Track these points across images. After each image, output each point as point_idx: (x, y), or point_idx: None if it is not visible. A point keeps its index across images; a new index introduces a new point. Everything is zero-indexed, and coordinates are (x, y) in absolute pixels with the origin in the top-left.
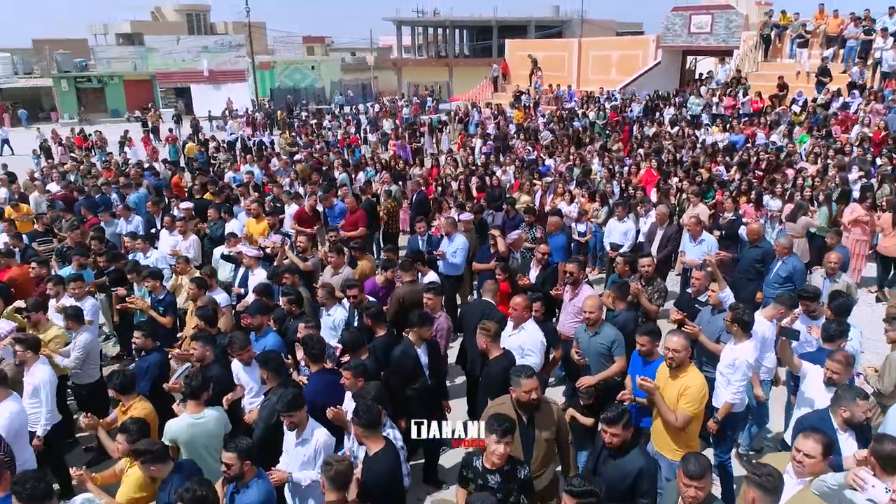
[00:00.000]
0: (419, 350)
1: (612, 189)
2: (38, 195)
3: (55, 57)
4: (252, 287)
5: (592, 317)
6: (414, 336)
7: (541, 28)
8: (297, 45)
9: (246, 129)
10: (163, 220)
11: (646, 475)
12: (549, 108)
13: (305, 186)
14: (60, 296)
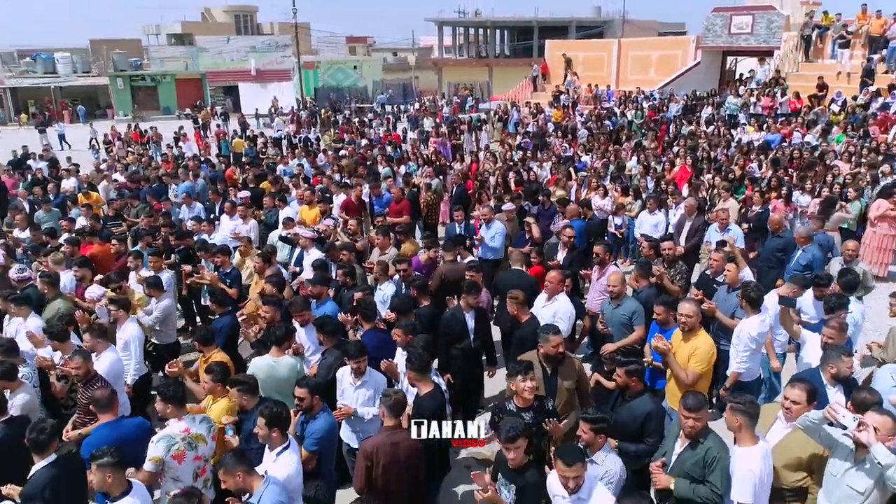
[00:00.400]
0: (467, 315)
1: (645, 184)
2: (106, 184)
3: (112, 57)
4: (307, 265)
5: (615, 290)
6: (464, 302)
7: (582, 28)
8: (341, 45)
9: (291, 127)
10: (223, 206)
11: (653, 417)
12: (588, 108)
13: (351, 179)
14: (139, 268)
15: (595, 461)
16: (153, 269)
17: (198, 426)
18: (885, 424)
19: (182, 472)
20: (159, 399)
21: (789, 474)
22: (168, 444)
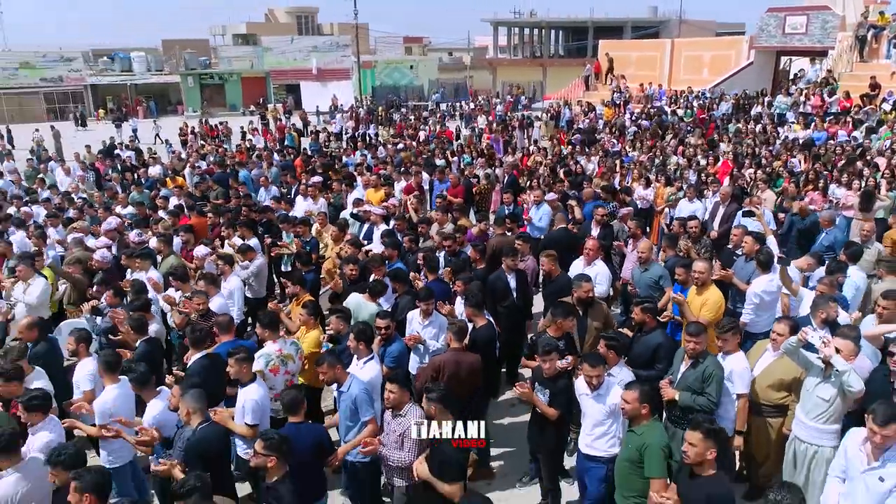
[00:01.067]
0: (509, 276)
1: (687, 176)
2: (190, 170)
3: (183, 56)
4: (375, 239)
5: (644, 256)
6: (505, 264)
7: (637, 29)
8: (398, 45)
9: (350, 123)
10: (297, 189)
11: (663, 347)
12: (638, 107)
13: (411, 168)
14: (231, 237)
15: (612, 374)
16: (243, 238)
17: (288, 348)
18: (847, 346)
19: (276, 382)
20: (259, 325)
21: (773, 393)
22: (266, 360)
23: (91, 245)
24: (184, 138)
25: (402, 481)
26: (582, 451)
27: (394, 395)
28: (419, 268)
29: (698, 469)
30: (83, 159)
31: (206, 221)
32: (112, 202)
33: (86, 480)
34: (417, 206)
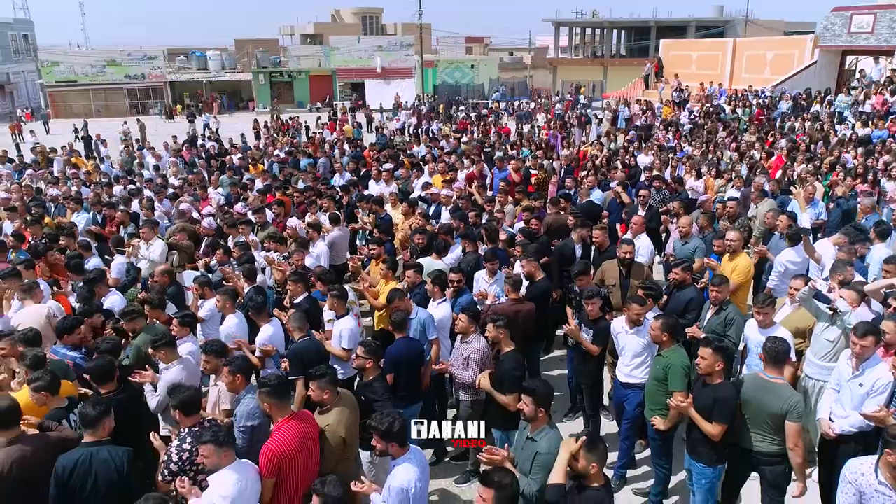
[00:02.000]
0: (577, 246)
1: (738, 170)
2: (268, 158)
3: (256, 55)
4: (443, 218)
5: (684, 231)
6: (576, 235)
7: (701, 28)
8: (459, 45)
9: (413, 119)
10: (369, 174)
11: (694, 301)
12: (697, 106)
13: (473, 158)
14: (314, 213)
15: (647, 317)
16: (328, 210)
17: (352, 296)
18: (850, 295)
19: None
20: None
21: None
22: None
23: (195, 217)
24: (256, 131)
25: (467, 396)
26: (621, 380)
27: (462, 323)
28: (482, 238)
29: (709, 379)
30: (170, 148)
31: (290, 199)
32: (206, 183)
33: (236, 364)
34: (480, 189)
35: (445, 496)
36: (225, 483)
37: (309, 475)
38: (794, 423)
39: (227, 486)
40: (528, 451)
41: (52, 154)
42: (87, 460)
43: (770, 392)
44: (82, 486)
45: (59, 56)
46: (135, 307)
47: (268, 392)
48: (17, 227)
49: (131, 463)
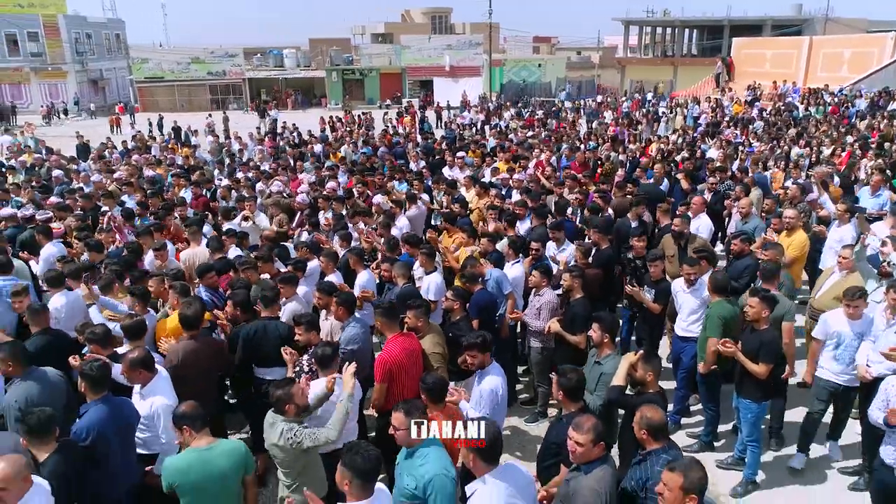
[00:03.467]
0: (634, 223)
1: (803, 163)
2: (347, 148)
3: (329, 53)
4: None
5: (744, 211)
6: (632, 214)
7: (778, 27)
8: (527, 44)
9: (481, 116)
10: (442, 163)
11: (750, 267)
12: (769, 104)
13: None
14: (393, 189)
15: (703, 279)
16: (411, 184)
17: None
18: None
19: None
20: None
21: (838, 304)
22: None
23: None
24: (323, 126)
25: (538, 343)
26: (679, 334)
27: (535, 279)
28: (551, 213)
29: (756, 325)
30: (254, 138)
31: (372, 183)
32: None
33: (342, 298)
34: (551, 174)
35: (516, 432)
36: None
37: (415, 383)
38: (789, 322)
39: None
40: (594, 373)
41: (149, 142)
42: (263, 328)
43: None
44: (262, 341)
45: (147, 53)
46: (249, 260)
47: (381, 313)
48: (140, 199)
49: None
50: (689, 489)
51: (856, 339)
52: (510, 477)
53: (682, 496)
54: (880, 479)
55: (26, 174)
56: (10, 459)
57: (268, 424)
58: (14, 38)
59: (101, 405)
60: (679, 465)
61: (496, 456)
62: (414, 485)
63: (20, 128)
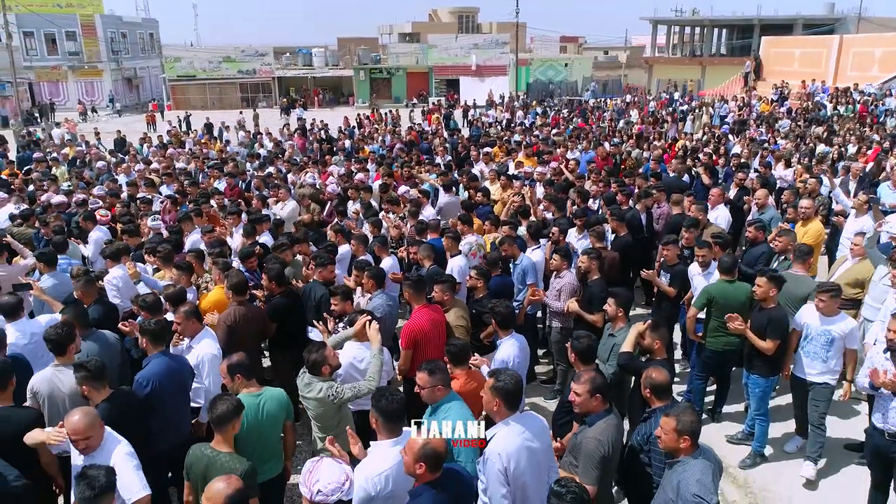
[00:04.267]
0: (642, 215)
1: (827, 159)
2: (374, 144)
3: (357, 52)
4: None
5: (760, 202)
6: (640, 205)
7: (809, 26)
8: (554, 43)
9: (505, 114)
10: (467, 158)
11: (765, 254)
12: (797, 103)
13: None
14: (422, 183)
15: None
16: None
17: (480, 239)
18: None
19: (474, 262)
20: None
21: (850, 289)
22: (469, 246)
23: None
24: (347, 125)
25: (558, 323)
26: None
27: (556, 262)
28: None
29: (764, 304)
30: (285, 134)
31: (399, 174)
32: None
33: (372, 272)
34: (574, 167)
35: (536, 408)
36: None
37: (439, 351)
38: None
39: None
40: (608, 344)
41: (183, 137)
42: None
43: (799, 283)
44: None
45: (180, 52)
46: (284, 242)
47: (409, 285)
48: (177, 189)
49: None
50: (682, 431)
51: (823, 336)
52: (528, 422)
53: (676, 437)
54: (872, 442)
55: (68, 166)
56: (85, 411)
57: (303, 385)
58: (53, 37)
59: (161, 358)
60: (673, 411)
61: (517, 403)
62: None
63: (59, 124)
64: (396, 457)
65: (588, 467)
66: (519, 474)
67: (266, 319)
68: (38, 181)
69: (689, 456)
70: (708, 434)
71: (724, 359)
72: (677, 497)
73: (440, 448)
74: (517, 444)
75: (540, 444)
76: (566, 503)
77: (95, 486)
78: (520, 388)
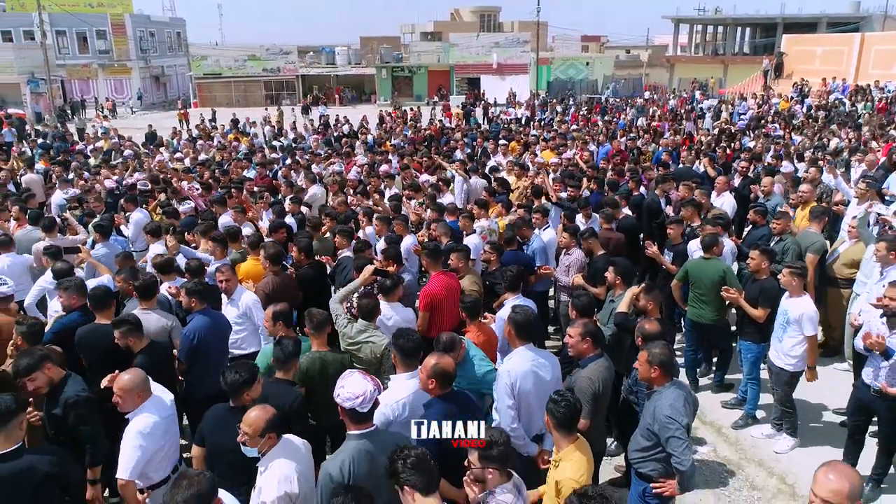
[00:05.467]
0: (661, 199)
1: (843, 155)
2: (395, 139)
3: (379, 50)
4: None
5: (766, 189)
6: (659, 190)
7: (834, 25)
8: (575, 42)
9: (526, 112)
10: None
11: (766, 237)
12: (816, 101)
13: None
14: (444, 171)
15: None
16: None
17: (494, 224)
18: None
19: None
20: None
21: (846, 270)
22: (480, 229)
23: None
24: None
25: (567, 297)
26: None
27: (565, 239)
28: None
29: (756, 275)
30: (309, 129)
31: (420, 165)
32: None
33: (391, 252)
34: (590, 159)
35: None
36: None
37: (454, 314)
38: (812, 255)
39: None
40: (608, 309)
41: (211, 132)
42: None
43: (810, 237)
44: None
45: (206, 51)
46: (313, 219)
47: (427, 253)
48: (206, 177)
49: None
50: (652, 361)
51: (783, 315)
52: (541, 354)
53: (648, 367)
54: (857, 395)
55: (102, 157)
56: (132, 376)
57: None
58: (84, 36)
59: (204, 315)
60: (646, 346)
61: (528, 334)
62: (466, 383)
63: (90, 120)
64: (412, 387)
65: (581, 401)
66: (524, 394)
67: (297, 288)
68: (77, 170)
69: (662, 386)
70: (707, 403)
71: (704, 329)
72: (654, 421)
73: (449, 367)
74: (526, 367)
75: (547, 377)
76: (561, 408)
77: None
78: (531, 321)
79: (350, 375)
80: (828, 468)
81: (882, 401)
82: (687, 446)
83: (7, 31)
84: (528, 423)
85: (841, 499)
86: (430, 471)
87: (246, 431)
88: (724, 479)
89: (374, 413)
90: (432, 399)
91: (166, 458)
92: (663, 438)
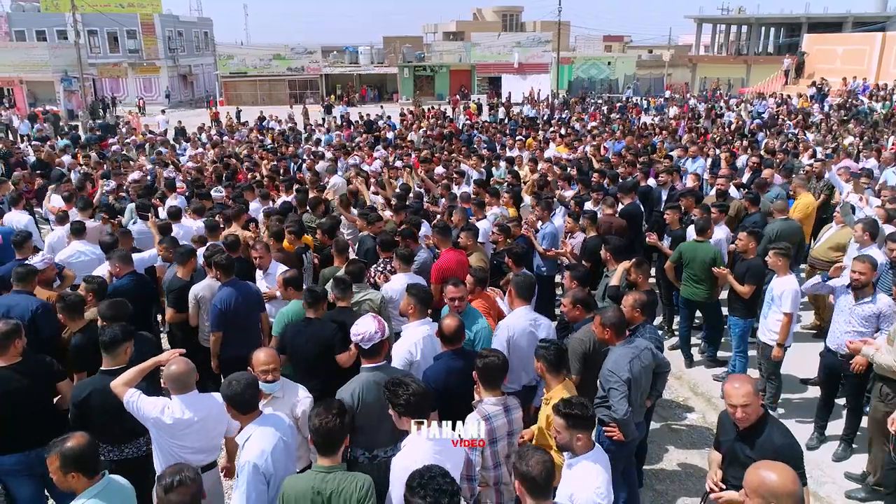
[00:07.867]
0: (663, 190)
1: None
2: (415, 135)
3: (402, 50)
4: None
5: (767, 179)
6: (657, 181)
7: (860, 24)
8: (597, 41)
9: (546, 110)
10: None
11: (759, 224)
12: (836, 100)
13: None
14: (459, 164)
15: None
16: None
17: (505, 211)
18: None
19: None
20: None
21: (832, 253)
22: (494, 216)
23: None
24: (403, 119)
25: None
26: None
27: (569, 224)
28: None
29: (744, 255)
30: (333, 126)
31: (438, 158)
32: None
33: (407, 229)
34: (599, 156)
35: None
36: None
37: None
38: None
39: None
40: (603, 283)
41: (238, 127)
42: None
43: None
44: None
45: (232, 50)
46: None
47: (437, 231)
48: (233, 166)
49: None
50: (604, 323)
51: (768, 292)
52: (539, 317)
53: (602, 329)
54: (824, 362)
55: (136, 149)
56: (183, 361)
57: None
58: (115, 35)
59: (231, 286)
60: (599, 310)
61: (530, 296)
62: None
63: (121, 118)
64: (424, 332)
65: (573, 360)
66: (518, 347)
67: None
68: (113, 162)
69: (615, 345)
70: (699, 376)
71: (695, 306)
72: (601, 375)
73: (453, 326)
74: (522, 324)
75: (542, 335)
76: (551, 352)
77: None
78: (530, 284)
79: (363, 318)
80: (730, 381)
81: (847, 364)
82: (623, 397)
83: (42, 30)
84: (521, 371)
85: (750, 398)
86: (417, 401)
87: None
88: (709, 442)
89: (393, 358)
90: (442, 353)
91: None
92: (605, 389)
